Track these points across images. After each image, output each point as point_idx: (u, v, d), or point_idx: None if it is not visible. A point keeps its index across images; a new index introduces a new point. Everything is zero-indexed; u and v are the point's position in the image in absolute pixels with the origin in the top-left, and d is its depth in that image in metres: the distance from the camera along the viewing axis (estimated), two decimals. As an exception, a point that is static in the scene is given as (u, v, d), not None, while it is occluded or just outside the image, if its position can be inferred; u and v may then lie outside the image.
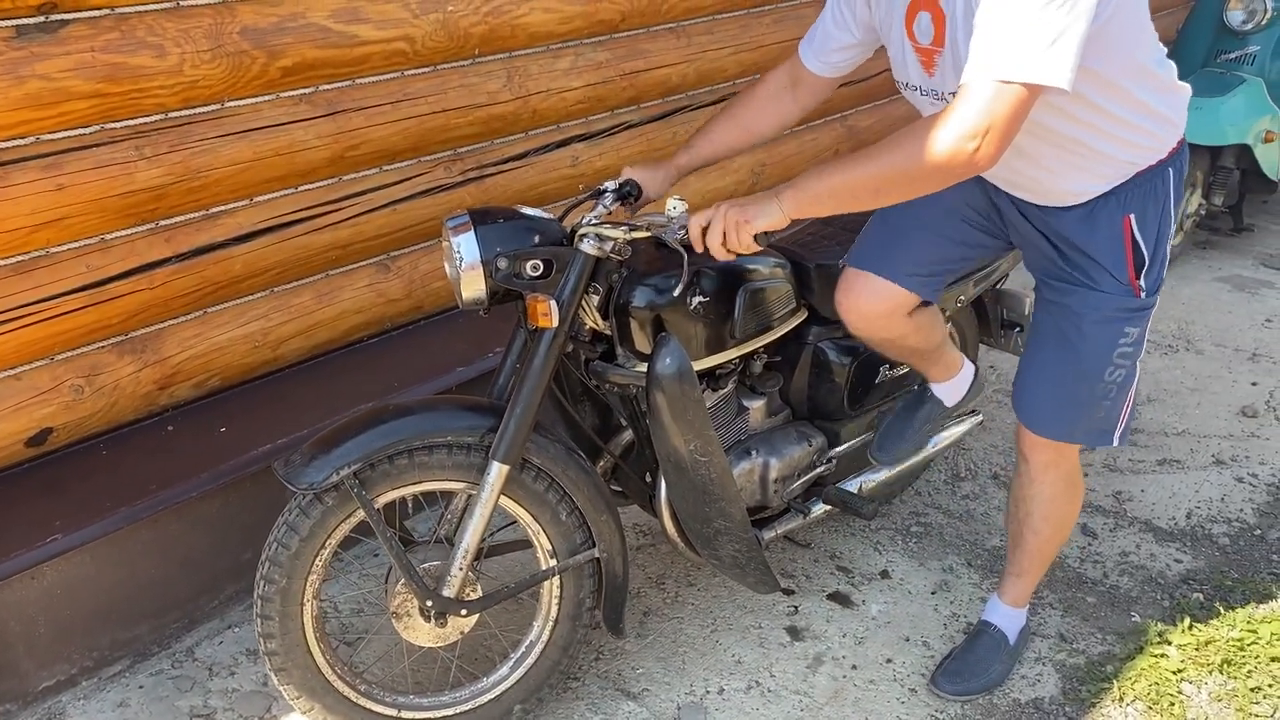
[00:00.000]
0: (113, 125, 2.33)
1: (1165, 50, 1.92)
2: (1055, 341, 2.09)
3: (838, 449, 2.57)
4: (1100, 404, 2.10)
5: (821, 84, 2.19)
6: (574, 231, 2.02)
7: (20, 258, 2.27)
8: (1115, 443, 2.16)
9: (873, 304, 2.25)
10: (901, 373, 2.62)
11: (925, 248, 2.23)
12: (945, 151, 1.63)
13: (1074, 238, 2.01)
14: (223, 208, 2.56)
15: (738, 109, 2.23)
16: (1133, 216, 1.96)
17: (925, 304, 2.30)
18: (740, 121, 2.22)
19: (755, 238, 1.81)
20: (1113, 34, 1.70)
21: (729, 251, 1.85)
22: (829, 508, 2.54)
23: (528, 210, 2.08)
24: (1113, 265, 1.99)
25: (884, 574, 2.75)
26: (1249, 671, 2.40)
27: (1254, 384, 3.65)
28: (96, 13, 2.24)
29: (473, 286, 1.99)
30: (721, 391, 2.36)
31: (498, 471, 1.99)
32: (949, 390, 2.54)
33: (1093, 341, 2.04)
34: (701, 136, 2.23)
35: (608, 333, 2.16)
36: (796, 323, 2.42)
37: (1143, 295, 2.01)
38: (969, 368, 2.57)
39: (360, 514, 1.98)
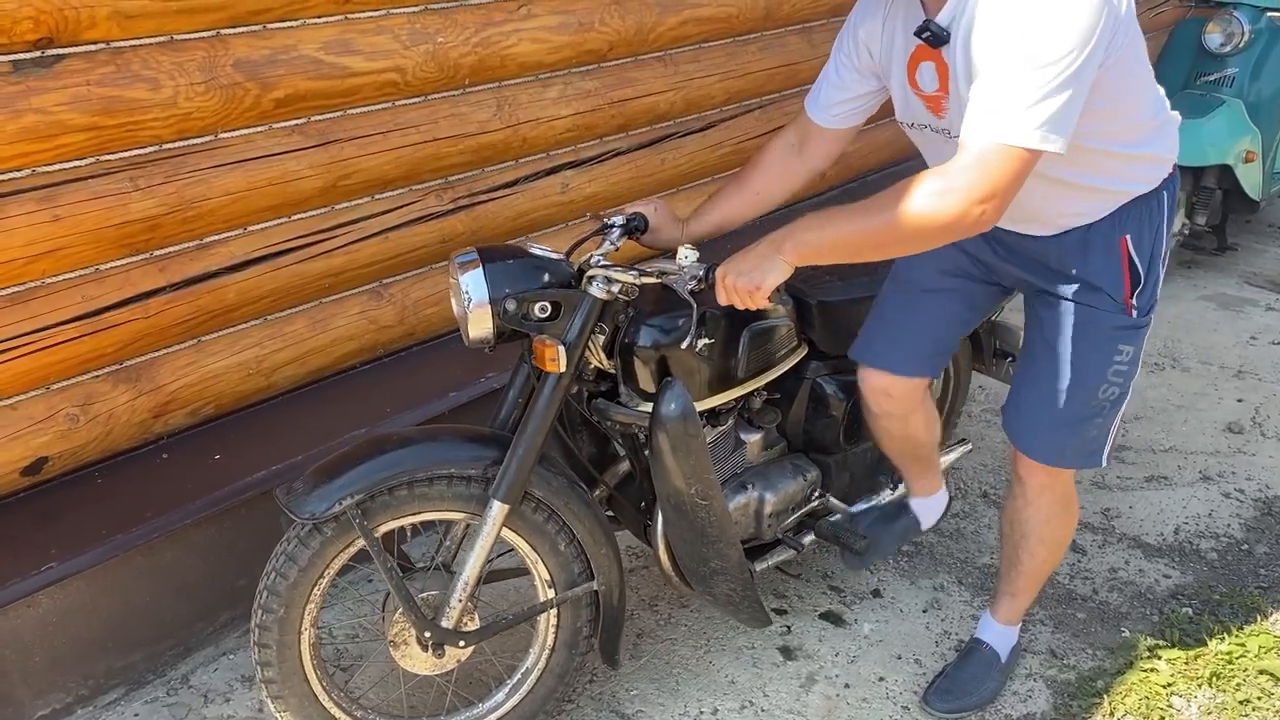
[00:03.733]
0: (108, 157, 2.36)
1: (1160, 88, 1.95)
2: (1048, 361, 2.10)
3: (830, 487, 2.58)
4: (1092, 423, 2.12)
5: (831, 138, 2.16)
6: (582, 271, 2.02)
7: (17, 288, 2.29)
8: (1103, 463, 2.19)
9: (887, 392, 2.33)
10: None
11: (926, 336, 2.30)
12: (953, 214, 1.65)
13: (1069, 262, 2.03)
14: (216, 237, 2.59)
15: (746, 175, 2.22)
16: (1129, 237, 1.99)
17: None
18: (750, 187, 2.21)
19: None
20: (1112, 79, 1.74)
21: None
22: (820, 540, 2.56)
23: (536, 249, 2.07)
24: (1109, 285, 2.01)
25: (876, 593, 2.77)
26: (1238, 684, 2.42)
27: (1239, 400, 3.69)
28: (92, 47, 2.28)
29: (480, 325, 1.98)
30: (721, 428, 2.37)
31: (498, 510, 2.00)
32: (927, 508, 2.61)
33: (1087, 360, 2.06)
34: (712, 204, 2.23)
35: (612, 371, 2.16)
36: (797, 359, 2.44)
37: (1135, 314, 2.03)
38: (945, 494, 2.65)
39: (359, 543, 1.99)
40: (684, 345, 2.05)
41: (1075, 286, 2.04)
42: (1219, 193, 4.48)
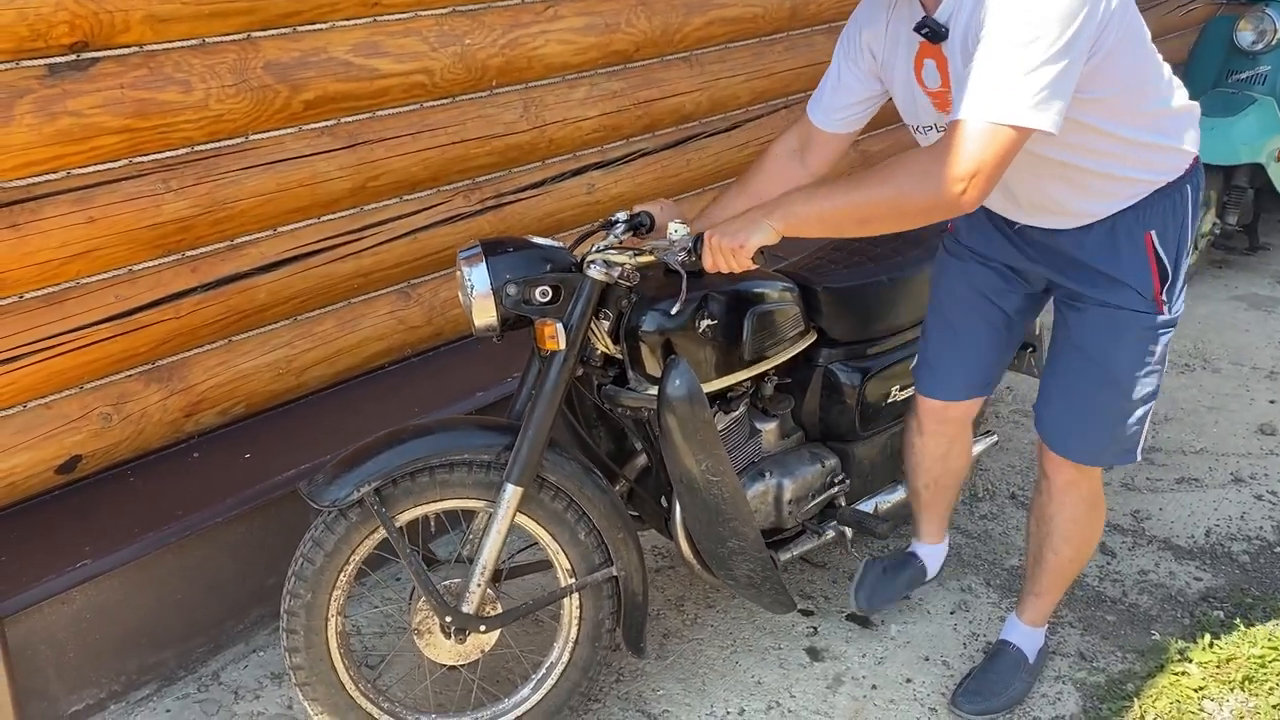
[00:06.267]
0: (141, 159, 2.39)
1: (1171, 71, 1.94)
2: (1080, 364, 2.09)
3: (851, 471, 2.59)
4: (1127, 421, 2.11)
5: (832, 142, 2.18)
6: (583, 259, 2.07)
7: (52, 289, 2.32)
8: (1137, 458, 2.18)
9: (943, 418, 2.39)
10: (910, 394, 2.63)
11: (975, 361, 2.32)
12: (933, 192, 1.67)
13: (1094, 259, 2.02)
14: (247, 238, 2.62)
15: (748, 179, 2.25)
16: (1154, 233, 1.98)
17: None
18: (751, 191, 2.22)
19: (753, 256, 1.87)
20: (1115, 65, 1.74)
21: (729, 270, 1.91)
22: (843, 528, 2.56)
23: (538, 239, 2.14)
24: (1138, 282, 2.00)
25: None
26: (1270, 688, 2.40)
27: (1271, 401, 3.65)
28: (125, 50, 2.31)
29: (484, 314, 2.04)
30: (733, 414, 2.38)
31: (512, 492, 2.03)
32: (933, 557, 2.65)
33: (1120, 362, 2.05)
34: (716, 206, 2.25)
35: (619, 357, 2.20)
36: (805, 345, 2.45)
37: (1166, 312, 2.03)
38: (947, 544, 2.68)
39: (383, 532, 2.02)
40: (673, 312, 2.07)
41: (1104, 286, 2.03)
42: (1251, 192, 4.43)
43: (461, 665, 2.21)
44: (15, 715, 2.13)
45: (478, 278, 2.02)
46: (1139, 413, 2.10)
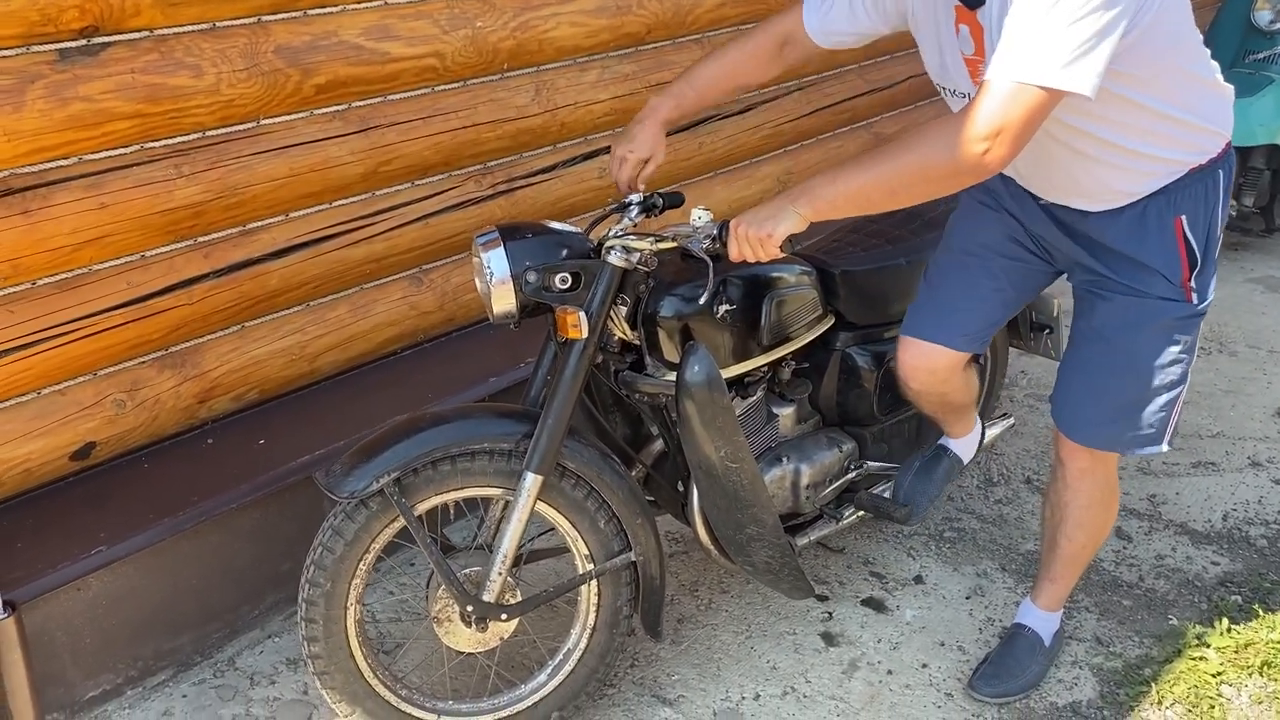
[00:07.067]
0: (152, 144, 2.38)
1: (1209, 53, 1.91)
2: (1101, 351, 2.06)
3: (869, 458, 2.57)
4: (1149, 410, 2.08)
5: (813, 51, 2.18)
6: (601, 244, 2.05)
7: (65, 275, 2.32)
8: (1165, 448, 2.14)
9: (931, 367, 2.29)
10: None
11: (977, 312, 2.26)
12: (956, 153, 1.63)
13: (1123, 244, 1.99)
14: (259, 224, 2.61)
15: (733, 64, 2.21)
16: (1184, 218, 1.95)
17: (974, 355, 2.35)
18: (735, 78, 2.21)
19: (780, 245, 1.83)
20: (1155, 38, 1.70)
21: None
22: (861, 513, 2.55)
23: (555, 224, 2.11)
24: (1166, 268, 1.97)
25: (918, 579, 2.75)
26: (1290, 674, 2.39)
27: (1289, 385, 3.63)
28: (136, 35, 2.29)
29: (503, 301, 2.02)
30: (750, 399, 2.37)
31: (532, 481, 2.02)
32: (966, 446, 2.59)
33: (1146, 351, 2.02)
34: (690, 89, 2.21)
35: (636, 343, 2.19)
36: (823, 329, 2.43)
37: (1195, 300, 2.00)
38: (979, 425, 2.62)
39: (401, 521, 2.01)
40: (702, 302, 2.05)
41: (1130, 271, 2.00)
42: (1267, 173, 4.39)
43: (480, 652, 2.20)
44: (33, 701, 2.13)
45: (496, 264, 2.00)
46: (1160, 401, 2.06)
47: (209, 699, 2.41)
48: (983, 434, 2.65)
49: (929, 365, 2.30)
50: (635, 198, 2.14)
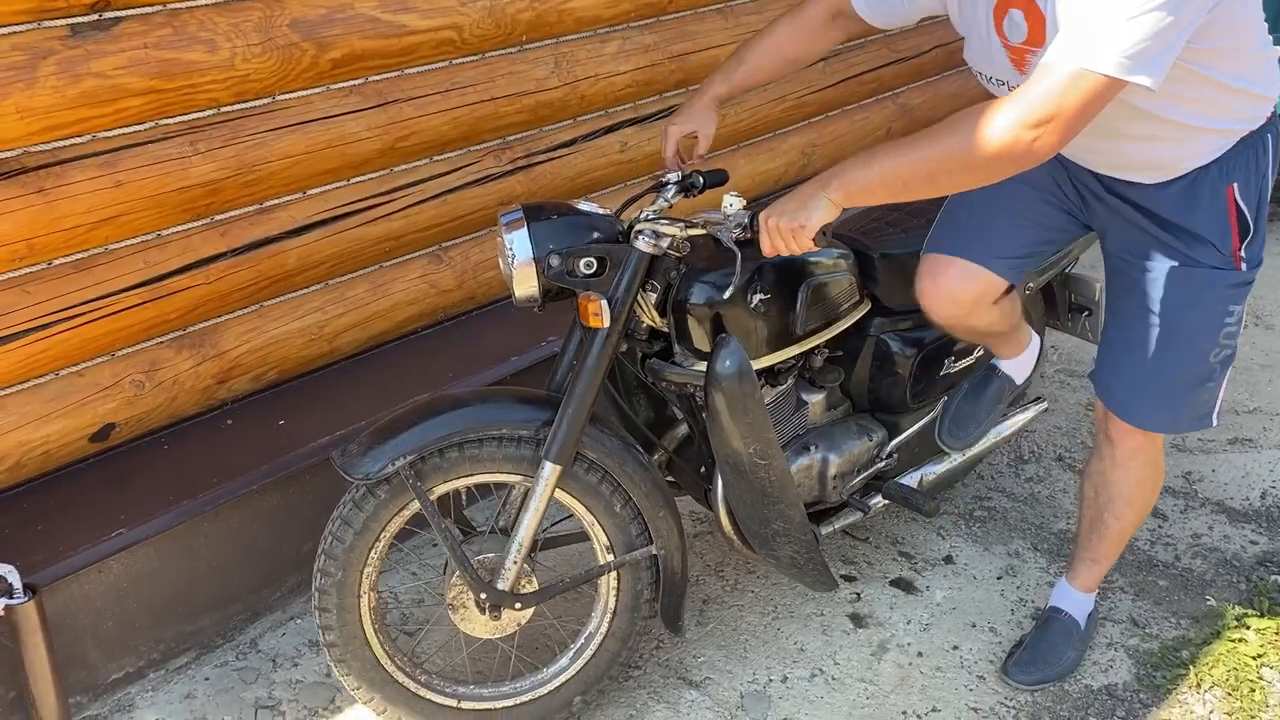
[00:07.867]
0: (167, 121, 2.34)
1: (1267, 27, 1.83)
2: (1150, 327, 1.99)
3: (897, 442, 2.51)
4: (1204, 387, 2.02)
5: (863, 28, 2.12)
6: (631, 227, 1.98)
7: (80, 255, 2.29)
8: (1214, 423, 2.09)
9: (960, 290, 2.15)
10: (967, 364, 2.54)
11: (1011, 231, 2.14)
12: (1002, 139, 1.55)
13: (1174, 213, 1.92)
14: (276, 201, 2.57)
15: (782, 39, 2.16)
16: (1236, 185, 1.88)
17: (1009, 289, 2.22)
18: (783, 52, 2.16)
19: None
20: (1228, 14, 1.62)
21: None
22: (888, 503, 2.49)
23: (583, 205, 2.04)
24: (1217, 238, 1.90)
25: (948, 559, 2.70)
26: (1333, 656, 2.33)
27: (1328, 359, 3.54)
28: (149, 9, 2.25)
29: (525, 284, 1.97)
30: (780, 388, 2.30)
31: (551, 470, 1.97)
32: (1018, 366, 2.46)
33: (1196, 323, 1.95)
34: (740, 65, 2.17)
35: (665, 330, 2.11)
36: (859, 315, 2.36)
37: (1244, 268, 1.93)
38: (1035, 340, 2.49)
39: (415, 505, 1.98)
40: (727, 295, 1.97)
41: (1180, 240, 1.93)
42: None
43: (497, 638, 2.17)
44: (55, 684, 2.12)
45: (519, 245, 1.94)
46: (1216, 376, 2.01)
47: (231, 681, 2.40)
48: (1041, 349, 2.50)
49: (957, 290, 2.15)
50: (673, 176, 2.06)
